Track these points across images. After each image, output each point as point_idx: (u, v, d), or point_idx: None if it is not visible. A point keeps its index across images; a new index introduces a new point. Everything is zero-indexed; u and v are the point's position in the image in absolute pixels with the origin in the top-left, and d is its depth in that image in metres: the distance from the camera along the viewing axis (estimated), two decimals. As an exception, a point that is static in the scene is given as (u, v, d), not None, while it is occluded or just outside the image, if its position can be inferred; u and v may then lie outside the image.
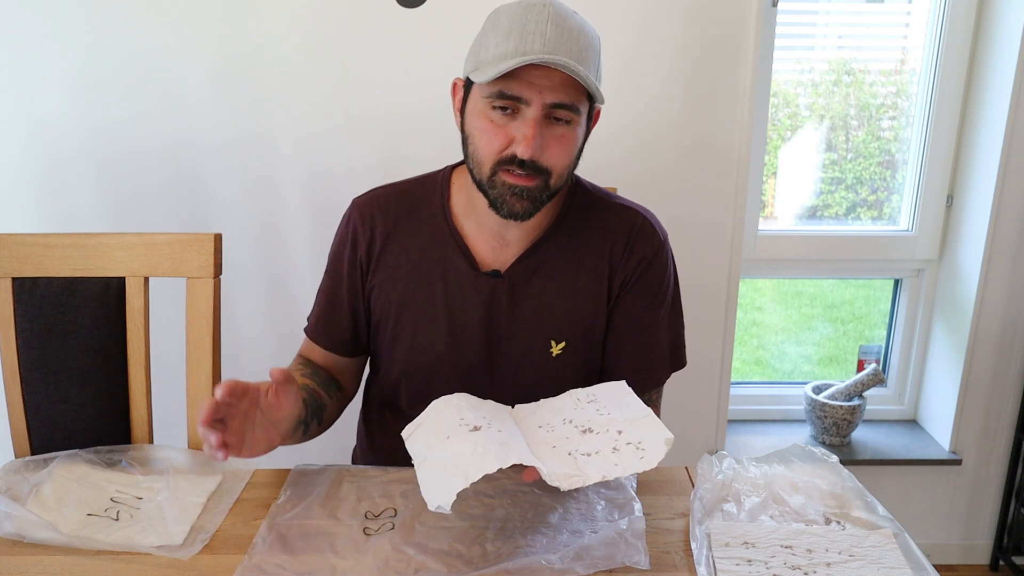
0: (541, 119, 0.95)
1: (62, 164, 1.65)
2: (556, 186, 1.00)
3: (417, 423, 0.93)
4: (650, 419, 0.90)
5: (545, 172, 0.97)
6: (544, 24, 0.92)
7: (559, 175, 0.99)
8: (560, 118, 0.96)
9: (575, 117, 0.97)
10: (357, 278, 1.13)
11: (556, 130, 0.97)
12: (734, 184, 1.72)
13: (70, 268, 1.15)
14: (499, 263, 1.08)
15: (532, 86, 0.93)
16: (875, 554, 0.86)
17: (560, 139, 0.97)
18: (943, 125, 1.90)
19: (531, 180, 0.97)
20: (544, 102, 0.94)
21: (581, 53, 0.94)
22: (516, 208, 0.99)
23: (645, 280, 1.10)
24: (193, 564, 0.87)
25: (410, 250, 1.10)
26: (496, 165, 0.97)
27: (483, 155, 0.98)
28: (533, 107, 0.94)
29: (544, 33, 0.92)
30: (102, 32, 1.58)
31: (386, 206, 1.12)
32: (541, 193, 0.99)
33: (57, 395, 1.15)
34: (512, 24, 0.94)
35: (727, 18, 1.62)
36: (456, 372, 1.10)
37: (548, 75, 0.93)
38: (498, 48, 0.94)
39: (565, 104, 0.95)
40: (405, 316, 1.11)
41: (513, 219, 1.00)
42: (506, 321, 1.08)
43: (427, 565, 0.85)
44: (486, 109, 0.97)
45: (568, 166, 1.00)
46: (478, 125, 0.98)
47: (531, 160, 0.95)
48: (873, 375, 1.97)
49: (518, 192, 0.97)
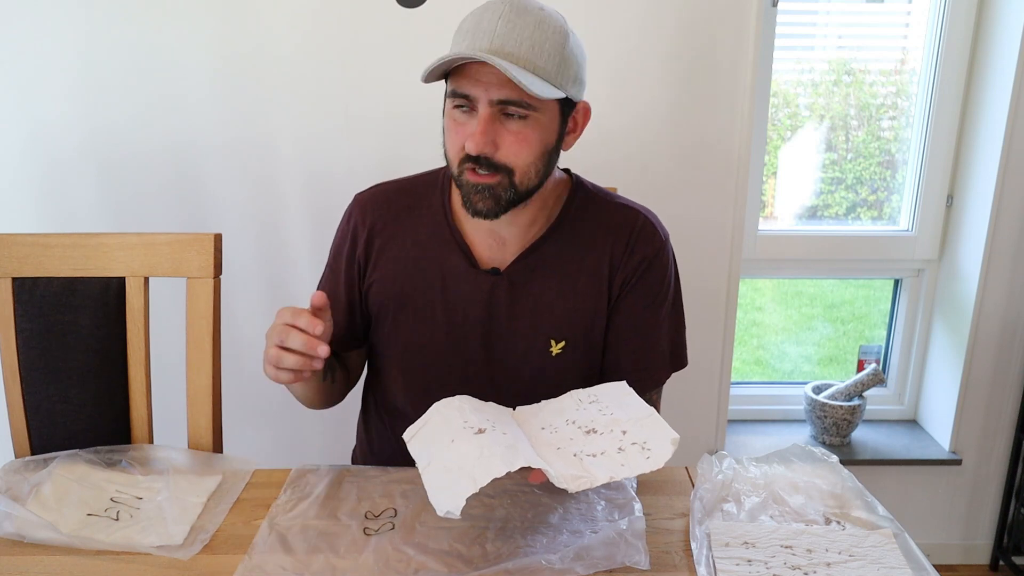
0: (492, 116, 0.95)
1: (62, 164, 1.65)
2: (524, 184, 0.99)
3: (419, 425, 0.93)
4: (654, 419, 0.90)
5: (504, 169, 0.97)
6: (496, 22, 0.94)
7: (523, 172, 0.98)
8: (513, 114, 0.96)
9: (531, 113, 0.96)
10: (355, 273, 1.13)
11: (510, 126, 0.96)
12: (734, 184, 1.72)
13: (70, 268, 1.15)
14: (498, 261, 1.08)
15: (478, 83, 0.94)
16: (875, 554, 0.86)
17: (516, 135, 0.97)
18: (943, 125, 1.90)
19: (491, 177, 0.97)
20: (490, 98, 0.94)
21: (533, 48, 0.93)
22: (480, 206, 0.99)
23: (646, 280, 1.10)
24: (193, 564, 0.87)
25: (409, 246, 1.11)
26: (461, 164, 0.99)
27: (450, 154, 1.01)
28: (481, 104, 0.95)
29: (493, 31, 0.93)
30: (102, 32, 1.58)
31: (387, 202, 1.13)
32: (505, 192, 0.98)
33: (57, 395, 1.15)
34: (471, 25, 0.96)
35: (727, 18, 1.62)
36: (454, 370, 1.10)
37: (495, 72, 0.93)
38: (453, 49, 0.96)
39: (513, 100, 0.94)
40: (403, 313, 1.11)
41: (479, 217, 1.00)
42: (505, 319, 1.08)
43: (427, 565, 0.85)
44: (449, 109, 0.99)
45: (532, 163, 0.99)
46: (445, 124, 1.01)
47: (483, 156, 0.96)
48: (873, 375, 1.97)
49: (480, 190, 0.98)
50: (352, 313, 1.15)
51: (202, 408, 1.17)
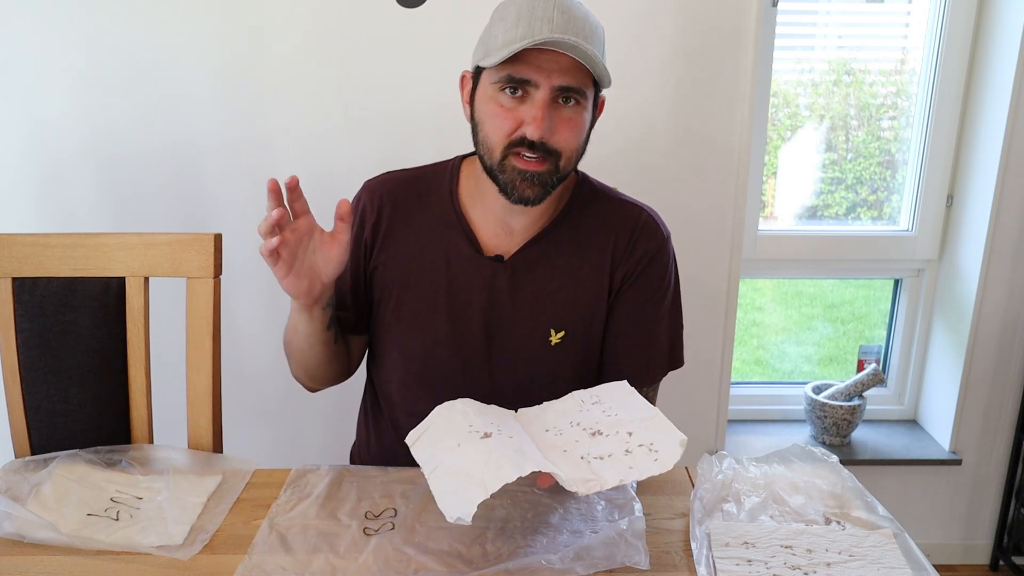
0: (549, 101, 0.97)
1: (62, 164, 1.65)
2: (565, 170, 1.02)
3: (422, 429, 0.93)
4: (659, 419, 0.90)
5: (555, 154, 0.99)
6: (551, 11, 0.95)
7: (568, 158, 1.01)
8: (568, 101, 0.98)
9: (582, 101, 0.99)
10: (361, 255, 1.14)
11: (564, 112, 0.99)
12: (734, 184, 1.72)
13: (70, 268, 1.15)
14: (503, 250, 1.10)
15: (540, 69, 0.96)
16: (875, 554, 0.86)
17: (568, 121, 0.99)
18: (943, 125, 1.90)
19: (541, 164, 0.99)
20: (552, 84, 0.96)
21: (588, 38, 0.96)
22: (527, 193, 1.00)
23: (646, 276, 1.10)
24: (193, 564, 0.87)
25: (416, 232, 1.12)
26: (506, 148, 0.99)
27: (493, 139, 1.00)
28: (542, 89, 0.96)
29: (551, 19, 0.94)
30: (102, 32, 1.58)
31: (395, 189, 1.14)
32: (551, 176, 1.00)
33: (57, 395, 1.15)
34: (520, 13, 0.96)
35: (727, 18, 1.62)
36: (455, 355, 1.11)
37: (556, 59, 0.95)
38: (507, 35, 0.96)
39: (573, 87, 0.97)
40: (407, 296, 1.12)
41: (524, 204, 1.01)
42: (506, 307, 1.09)
43: (427, 565, 0.85)
44: (495, 94, 0.99)
45: (576, 149, 1.02)
46: (488, 110, 1.00)
47: (541, 141, 0.97)
48: (873, 375, 1.97)
49: (528, 177, 0.99)
50: (357, 294, 1.15)
51: (202, 408, 1.17)
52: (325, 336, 1.09)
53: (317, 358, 1.12)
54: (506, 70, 0.97)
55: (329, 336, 1.10)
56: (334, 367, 1.17)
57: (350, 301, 1.15)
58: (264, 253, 0.91)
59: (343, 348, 1.17)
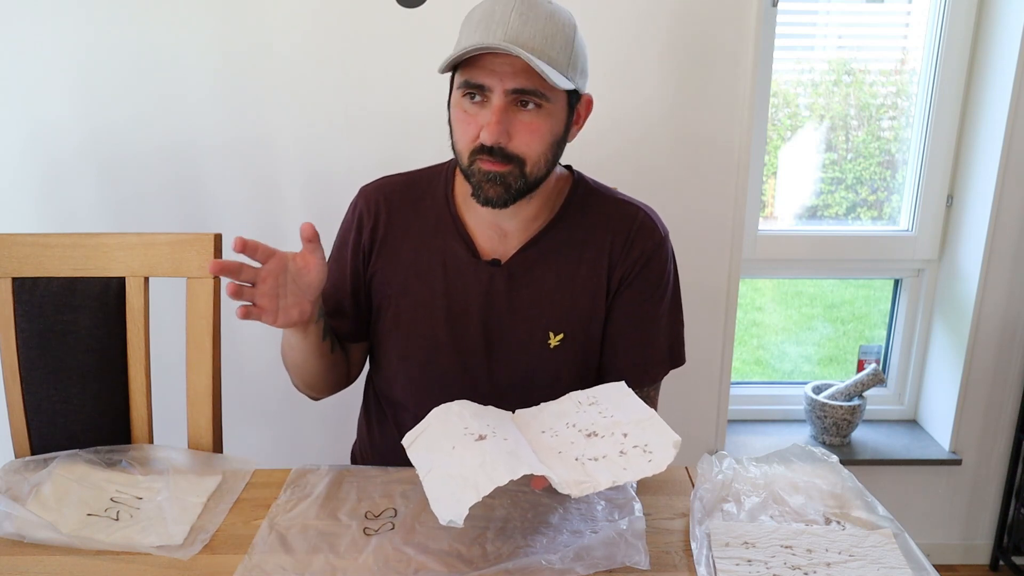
0: (505, 106, 0.96)
1: (62, 164, 1.65)
2: (533, 174, 1.00)
3: (418, 431, 0.93)
4: (654, 420, 0.90)
5: (516, 159, 0.98)
6: (509, 14, 0.95)
7: (534, 162, 1.00)
8: (527, 104, 0.97)
9: (544, 103, 0.97)
10: (360, 263, 1.14)
11: (523, 117, 0.97)
12: (734, 184, 1.72)
13: (70, 268, 1.15)
14: (500, 253, 1.09)
15: (493, 73, 0.95)
16: (875, 554, 0.86)
17: (528, 125, 0.98)
18: (943, 125, 1.90)
19: (503, 166, 0.98)
20: (505, 88, 0.95)
21: (546, 40, 0.95)
22: (490, 194, 1.00)
23: (644, 275, 1.10)
24: (193, 564, 0.87)
25: (413, 237, 1.12)
26: (472, 154, 0.99)
27: (460, 145, 1.01)
28: (495, 94, 0.96)
29: (507, 22, 0.94)
30: (102, 32, 1.58)
31: (391, 194, 1.14)
32: (516, 180, 0.99)
33: (57, 395, 1.15)
34: (483, 15, 0.97)
35: (727, 18, 1.62)
36: (454, 359, 1.11)
37: (510, 62, 0.94)
38: (467, 40, 0.96)
39: (527, 89, 0.95)
40: (405, 301, 1.12)
41: (489, 206, 1.01)
42: (505, 310, 1.09)
43: (427, 565, 0.85)
44: (459, 99, 0.99)
45: (542, 153, 1.00)
46: (455, 116, 1.01)
47: (496, 147, 0.97)
48: (873, 375, 1.97)
49: (492, 178, 0.99)
50: (357, 302, 1.15)
51: (202, 408, 1.17)
52: (321, 348, 1.09)
53: (315, 370, 1.12)
54: (464, 76, 0.97)
55: (325, 347, 1.10)
56: (333, 376, 1.17)
57: (350, 310, 1.15)
58: (240, 317, 0.91)
59: (341, 356, 1.17)
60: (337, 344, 1.14)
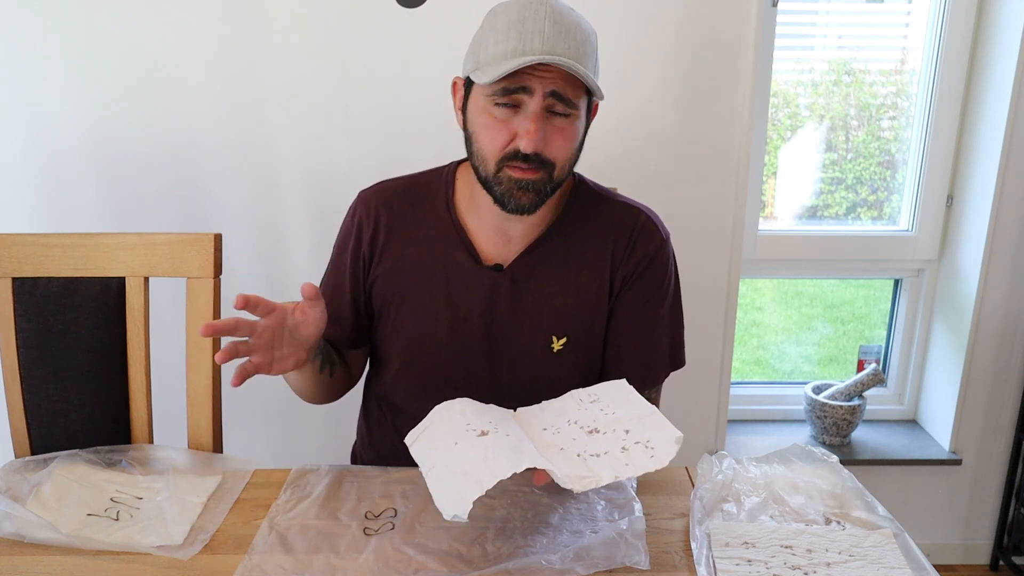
0: (542, 113, 0.96)
1: (62, 164, 1.65)
2: (559, 179, 1.01)
3: (421, 429, 0.93)
4: (656, 417, 0.90)
5: (549, 165, 0.99)
6: (542, 22, 0.94)
7: (562, 167, 1.01)
8: (560, 112, 0.98)
9: (575, 111, 0.99)
10: (360, 269, 1.14)
11: (557, 123, 0.98)
12: (734, 184, 1.72)
13: (70, 268, 1.15)
14: (502, 258, 1.09)
15: (534, 77, 0.95)
16: (875, 554, 0.86)
17: (561, 132, 0.98)
18: (943, 125, 1.90)
19: (536, 173, 0.98)
20: (546, 89, 0.95)
21: (579, 49, 0.95)
22: (523, 201, 1.00)
23: (646, 278, 1.10)
24: (193, 564, 0.87)
25: (413, 243, 1.11)
26: (501, 161, 0.98)
27: (487, 152, 0.99)
28: (535, 97, 0.96)
29: (543, 31, 0.93)
30: (102, 32, 1.58)
31: (391, 199, 1.13)
32: (545, 185, 1.00)
33: (57, 395, 1.15)
34: (510, 22, 0.95)
35: (727, 18, 1.62)
36: (456, 365, 1.10)
37: (549, 71, 0.95)
38: (498, 47, 0.95)
39: (566, 97, 0.96)
40: (406, 307, 1.11)
41: (520, 213, 1.01)
42: (507, 315, 1.09)
43: (427, 565, 0.85)
44: (488, 106, 0.98)
45: (570, 159, 1.02)
46: (480, 122, 0.99)
47: (535, 154, 0.96)
48: (873, 375, 1.97)
49: (524, 185, 0.99)
50: (357, 309, 1.15)
51: (202, 408, 1.17)
52: (319, 378, 1.09)
53: (315, 392, 1.13)
54: (500, 83, 0.96)
55: (324, 375, 1.10)
56: (335, 392, 1.18)
57: (349, 316, 1.15)
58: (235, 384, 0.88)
59: (342, 374, 1.17)
60: (337, 366, 1.14)
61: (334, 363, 1.13)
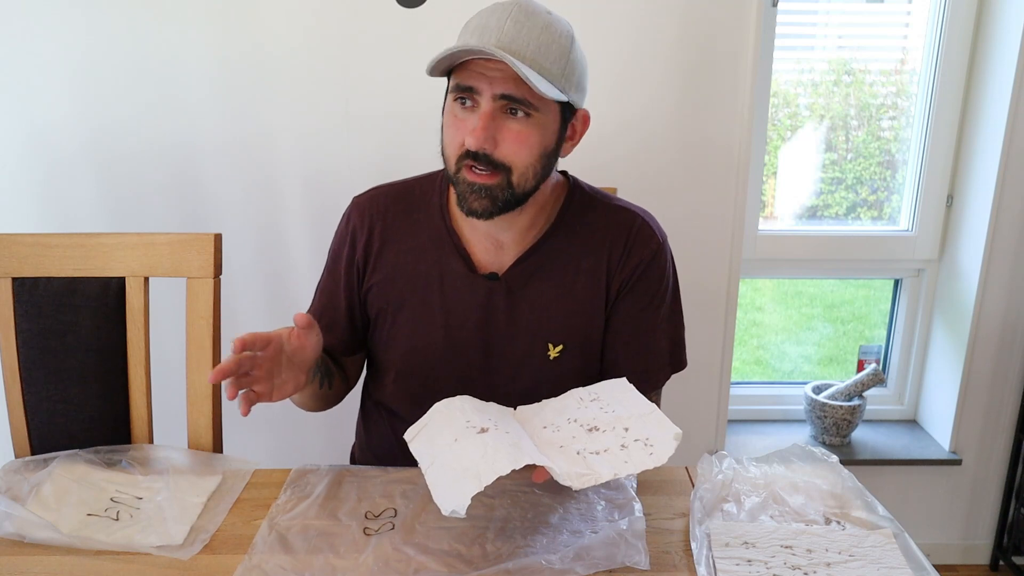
0: (493, 112, 0.95)
1: (62, 164, 1.65)
2: (521, 186, 0.99)
3: (420, 426, 0.93)
4: (655, 415, 0.90)
5: (503, 167, 0.97)
6: (504, 21, 0.94)
7: (521, 173, 0.98)
8: (516, 112, 0.96)
9: (533, 113, 0.96)
10: (354, 277, 1.13)
11: (511, 124, 0.96)
12: (734, 184, 1.72)
13: (70, 268, 1.15)
14: (496, 266, 1.08)
15: (483, 77, 0.95)
16: (875, 554, 0.86)
17: (516, 134, 0.96)
18: (943, 125, 1.90)
19: (490, 177, 0.97)
20: (494, 92, 0.94)
21: (540, 49, 0.94)
22: (475, 206, 0.98)
23: (643, 282, 1.09)
24: (193, 564, 0.87)
25: (408, 251, 1.10)
26: (459, 160, 0.98)
27: (448, 150, 1.00)
28: (484, 97, 0.95)
29: (502, 29, 0.94)
30: (102, 32, 1.58)
31: (385, 206, 1.13)
32: (502, 192, 0.98)
33: (57, 395, 1.15)
34: (478, 23, 0.96)
35: (727, 18, 1.62)
36: (453, 374, 1.10)
37: (501, 68, 0.94)
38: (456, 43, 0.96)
39: (515, 96, 0.94)
40: (401, 316, 1.11)
41: (473, 216, 0.99)
42: (503, 324, 1.08)
43: (427, 565, 0.85)
44: (451, 104, 0.99)
45: (530, 164, 0.98)
46: (444, 121, 1.00)
47: (482, 152, 0.95)
48: (873, 375, 1.97)
49: (476, 189, 0.97)
50: (352, 316, 1.15)
51: (202, 408, 1.17)
52: (317, 393, 1.10)
53: (312, 404, 1.14)
54: (456, 79, 0.96)
55: (322, 390, 1.11)
56: (332, 400, 1.18)
57: (344, 324, 1.15)
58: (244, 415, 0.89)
59: (339, 380, 1.17)
60: (335, 376, 1.14)
61: (332, 375, 1.13)
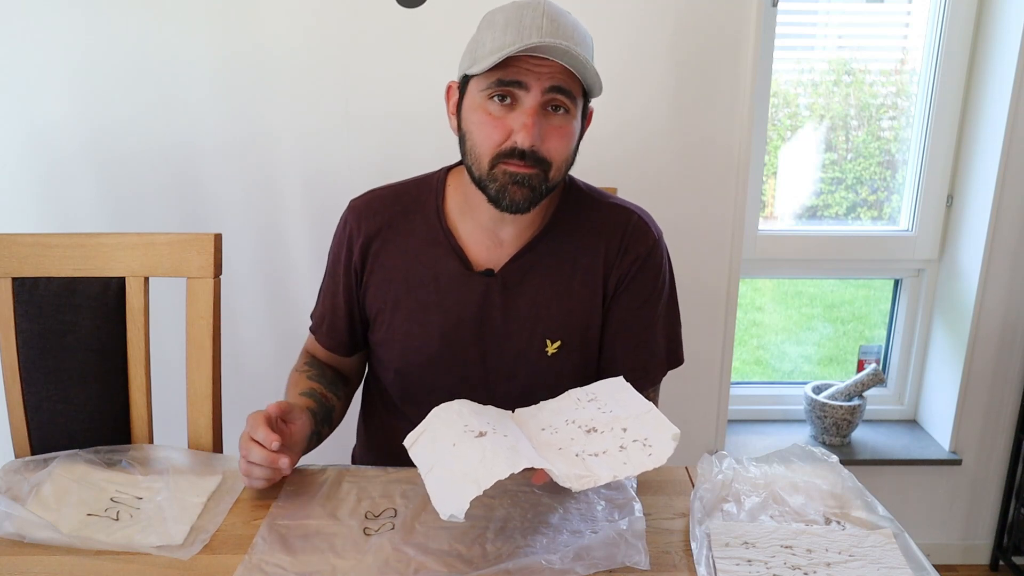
0: (539, 108, 0.95)
1: (62, 164, 1.65)
2: (554, 179, 1.00)
3: (419, 431, 0.93)
4: (653, 414, 0.90)
5: (544, 163, 0.98)
6: (540, 19, 0.94)
7: (557, 168, 1.00)
8: (558, 106, 0.97)
9: (572, 108, 0.98)
10: (352, 280, 1.13)
11: (553, 120, 0.97)
12: (734, 184, 1.72)
13: (70, 268, 1.15)
14: (493, 263, 1.09)
15: (531, 72, 0.94)
16: (875, 554, 0.86)
17: (559, 130, 0.98)
18: (943, 125, 1.90)
19: (531, 168, 0.97)
20: (543, 86, 0.95)
21: (577, 45, 0.95)
22: (517, 197, 0.98)
23: (640, 279, 1.10)
24: (193, 564, 0.87)
25: (404, 251, 1.11)
26: (495, 159, 0.97)
27: (482, 149, 0.98)
28: (532, 92, 0.95)
29: (541, 27, 0.93)
30: (102, 32, 1.58)
31: (381, 208, 1.13)
32: (540, 184, 0.99)
33: (57, 395, 1.15)
34: (508, 20, 0.95)
35: (727, 18, 1.62)
36: (450, 371, 1.10)
37: (546, 64, 0.94)
38: (495, 42, 0.95)
39: (564, 89, 0.95)
40: (398, 316, 1.11)
41: (514, 211, 1.00)
42: (500, 320, 1.08)
43: (427, 565, 0.85)
44: (484, 102, 0.98)
45: (566, 159, 1.01)
46: (475, 119, 0.99)
47: (531, 150, 0.95)
48: (873, 375, 1.97)
49: (519, 180, 0.97)
50: (352, 318, 1.15)
51: (202, 408, 1.17)
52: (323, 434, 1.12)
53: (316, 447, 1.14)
54: (495, 75, 0.95)
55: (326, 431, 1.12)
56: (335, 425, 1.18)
57: (345, 326, 1.15)
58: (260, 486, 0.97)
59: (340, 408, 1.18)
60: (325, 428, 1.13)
61: (331, 411, 1.13)
